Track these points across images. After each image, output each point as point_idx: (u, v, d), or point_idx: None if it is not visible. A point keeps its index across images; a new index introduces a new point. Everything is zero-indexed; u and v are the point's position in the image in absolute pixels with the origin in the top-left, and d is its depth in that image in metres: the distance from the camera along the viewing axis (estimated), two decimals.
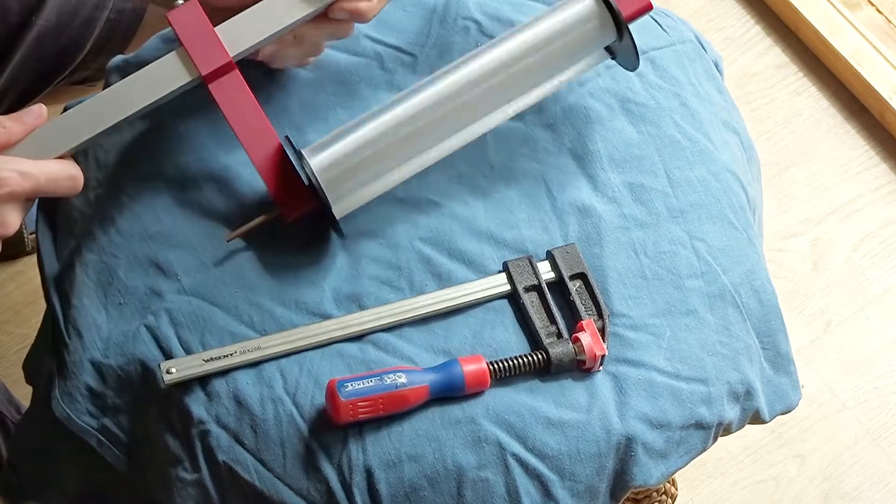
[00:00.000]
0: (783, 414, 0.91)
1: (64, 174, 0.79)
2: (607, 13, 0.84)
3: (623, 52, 0.87)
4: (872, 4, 1.80)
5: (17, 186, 0.76)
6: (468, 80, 0.84)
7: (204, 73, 0.81)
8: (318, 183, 0.81)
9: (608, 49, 0.88)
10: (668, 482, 1.27)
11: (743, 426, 0.89)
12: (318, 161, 0.81)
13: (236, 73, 0.82)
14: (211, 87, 0.82)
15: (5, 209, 0.77)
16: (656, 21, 0.99)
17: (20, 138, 0.80)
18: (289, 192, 0.82)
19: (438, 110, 0.83)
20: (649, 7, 0.86)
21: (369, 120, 0.83)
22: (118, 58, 0.97)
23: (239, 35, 0.82)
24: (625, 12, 0.84)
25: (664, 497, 1.28)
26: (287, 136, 0.82)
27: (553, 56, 0.85)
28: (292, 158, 0.82)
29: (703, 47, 1.02)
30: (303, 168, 0.82)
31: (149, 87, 0.82)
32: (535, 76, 0.86)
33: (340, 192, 0.82)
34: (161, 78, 0.82)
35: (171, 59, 0.82)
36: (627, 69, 0.89)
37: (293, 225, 0.85)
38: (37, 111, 0.81)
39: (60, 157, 0.81)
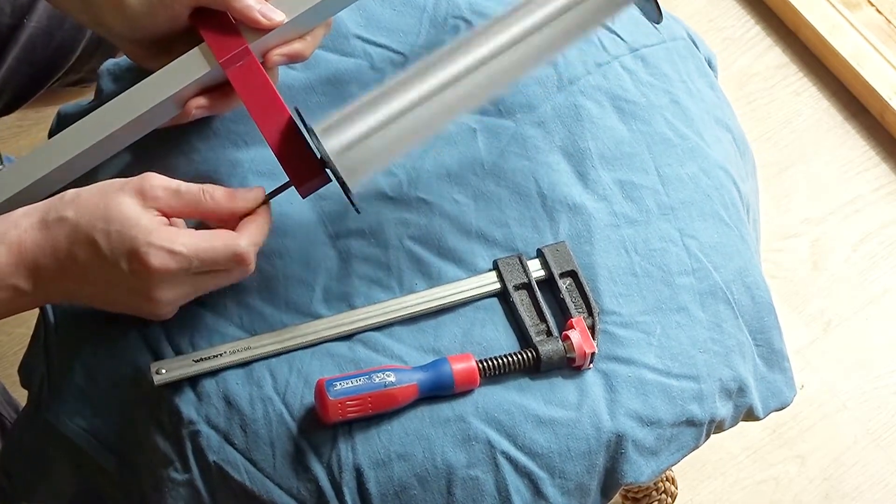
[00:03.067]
0: (777, 410, 0.91)
1: (224, 255, 0.75)
2: None
3: (644, 6, 0.84)
4: (872, 4, 1.79)
5: (160, 265, 0.73)
6: (492, 50, 0.80)
7: (221, 60, 0.81)
8: (335, 167, 0.77)
9: None
10: (669, 482, 1.27)
11: (736, 423, 0.89)
12: (332, 145, 0.78)
13: (252, 58, 0.82)
14: (228, 72, 0.81)
15: (154, 288, 0.74)
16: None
17: (223, 215, 0.77)
18: (302, 169, 0.80)
19: (461, 83, 0.80)
20: None
21: (388, 95, 0.79)
22: (110, 61, 0.97)
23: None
24: None
25: (664, 496, 1.28)
26: (297, 108, 0.80)
27: (578, 21, 0.81)
28: (307, 137, 0.80)
29: (696, 45, 1.01)
30: (316, 145, 0.79)
31: (173, 80, 0.81)
32: (561, 40, 0.82)
33: (356, 172, 0.79)
34: (183, 70, 0.81)
35: (193, 53, 0.82)
36: (652, 21, 0.86)
37: (282, 225, 0.85)
38: (254, 195, 0.78)
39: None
